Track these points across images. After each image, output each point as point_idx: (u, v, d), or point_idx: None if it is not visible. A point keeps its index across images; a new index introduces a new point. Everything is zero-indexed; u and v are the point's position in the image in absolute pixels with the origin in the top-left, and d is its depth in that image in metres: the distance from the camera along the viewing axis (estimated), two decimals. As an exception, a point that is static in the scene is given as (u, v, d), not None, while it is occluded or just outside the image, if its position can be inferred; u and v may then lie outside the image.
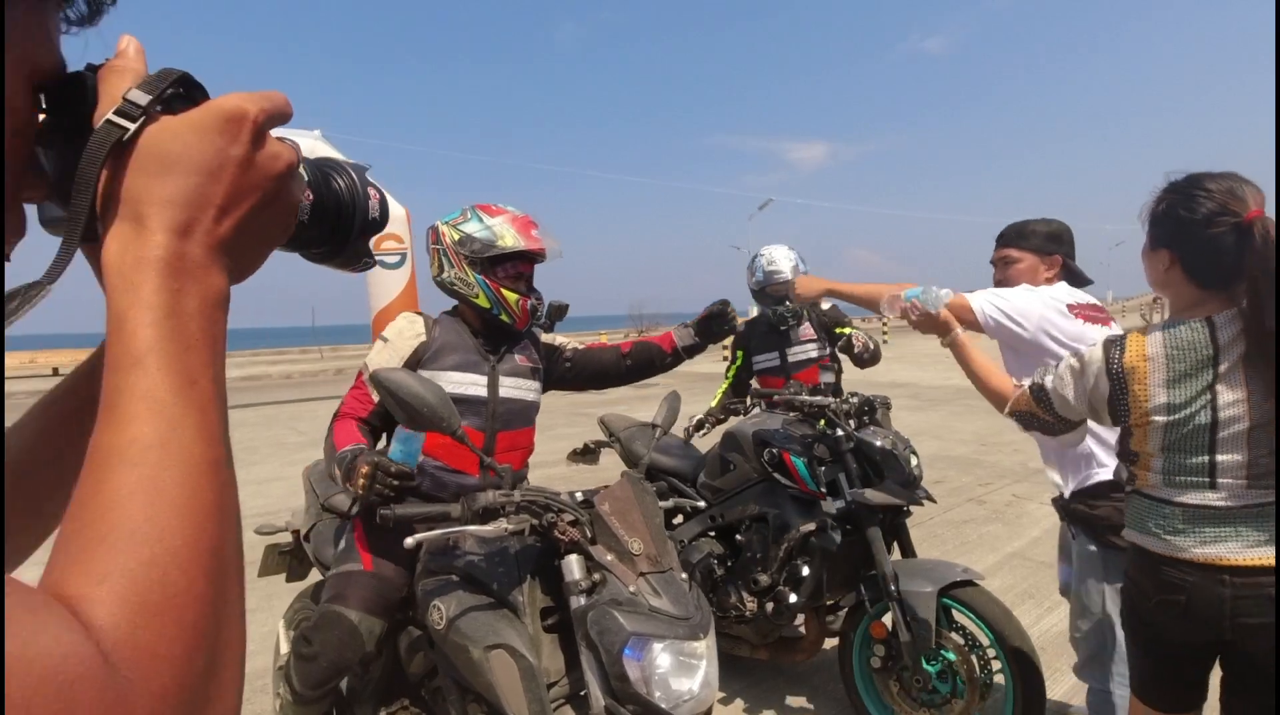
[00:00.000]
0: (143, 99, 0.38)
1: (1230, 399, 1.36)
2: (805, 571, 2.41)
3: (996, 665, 2.19)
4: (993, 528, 4.57)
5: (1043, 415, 1.66)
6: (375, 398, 1.86)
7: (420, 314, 2.04)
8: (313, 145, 12.13)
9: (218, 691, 0.32)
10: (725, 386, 3.56)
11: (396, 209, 13.27)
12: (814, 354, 3.31)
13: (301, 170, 0.46)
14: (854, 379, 3.43)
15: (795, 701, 2.67)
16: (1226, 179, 1.38)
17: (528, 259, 1.99)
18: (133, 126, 0.38)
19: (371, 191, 0.51)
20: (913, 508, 2.48)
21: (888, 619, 2.30)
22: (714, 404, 3.34)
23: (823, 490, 2.48)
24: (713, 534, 2.84)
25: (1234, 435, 1.36)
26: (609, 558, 1.37)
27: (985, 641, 2.19)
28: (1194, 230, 1.39)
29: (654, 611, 1.31)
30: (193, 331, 0.37)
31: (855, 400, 2.56)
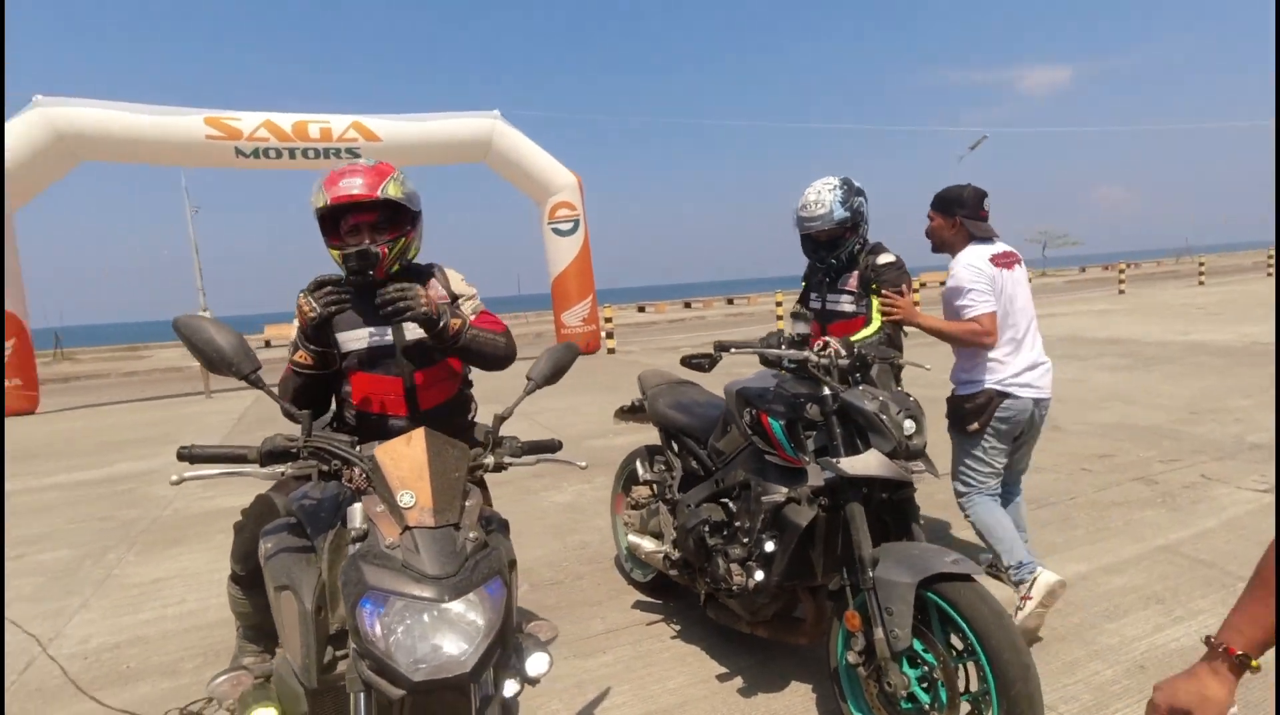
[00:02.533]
0: None
1: None
2: (770, 547, 2.12)
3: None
4: (1151, 513, 3.70)
5: None
6: (308, 358, 1.97)
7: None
8: (493, 125, 13.05)
9: None
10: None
11: (568, 176, 13.89)
12: (848, 308, 2.88)
13: None
14: (1043, 334, 2.84)
15: (798, 688, 2.39)
16: None
17: (362, 209, 1.90)
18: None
19: None
20: (1054, 485, 2.07)
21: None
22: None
23: (806, 458, 2.16)
24: (724, 500, 2.62)
25: None
26: (378, 509, 1.30)
27: (972, 648, 1.77)
28: None
29: (405, 567, 1.22)
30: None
31: (842, 352, 2.17)
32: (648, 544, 2.87)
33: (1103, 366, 8.30)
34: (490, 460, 1.57)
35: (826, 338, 2.53)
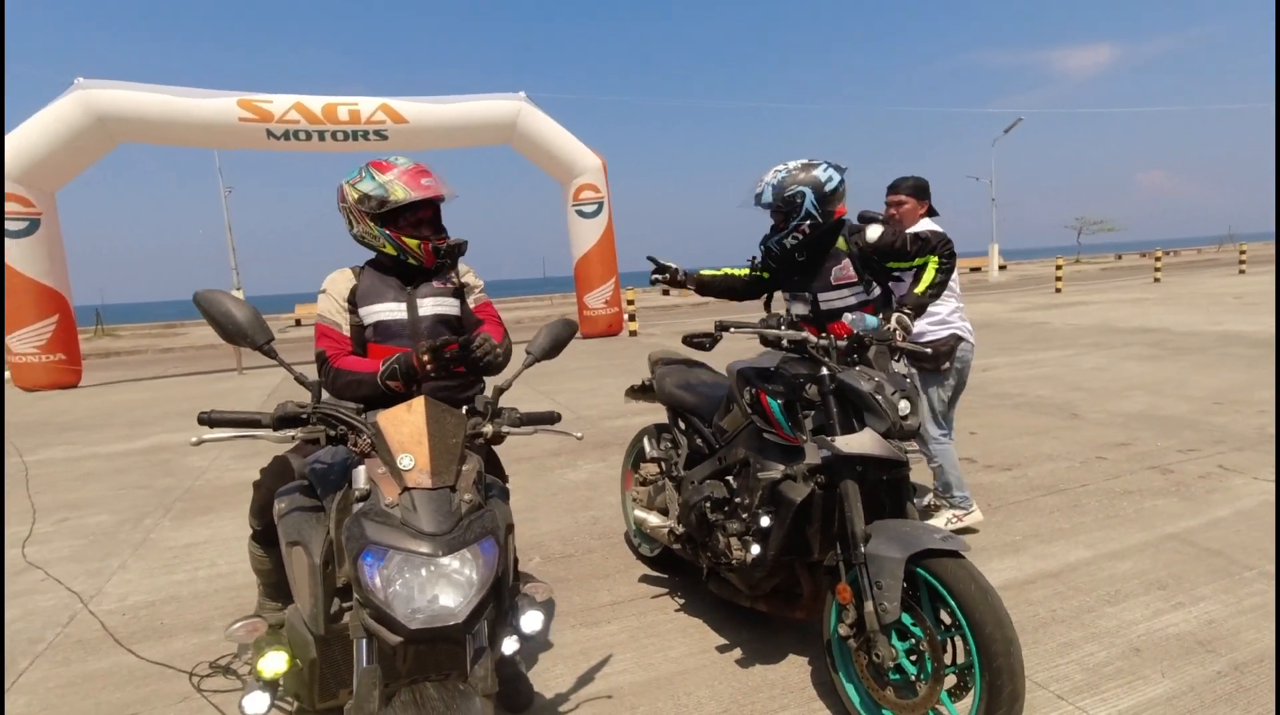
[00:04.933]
0: None
1: None
2: (765, 522, 2.19)
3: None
4: (1163, 502, 3.68)
5: None
6: (345, 332, 2.12)
7: (350, 268, 2.24)
8: (518, 107, 13.11)
9: None
10: (715, 272, 3.17)
11: (592, 159, 13.91)
12: (853, 301, 2.79)
13: None
14: (1071, 323, 2.91)
15: (795, 660, 2.47)
16: None
17: (424, 206, 2.13)
18: None
19: None
20: (1067, 473, 2.11)
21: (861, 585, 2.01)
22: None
23: (803, 437, 2.21)
24: (726, 477, 2.69)
25: None
26: (380, 471, 1.39)
27: (959, 623, 1.83)
28: None
29: (404, 524, 1.31)
30: None
31: (909, 317, 2.30)
32: (653, 519, 2.95)
33: (1129, 356, 8.17)
34: (489, 429, 1.65)
35: (896, 315, 2.55)
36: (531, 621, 1.63)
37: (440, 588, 1.30)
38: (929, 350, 2.42)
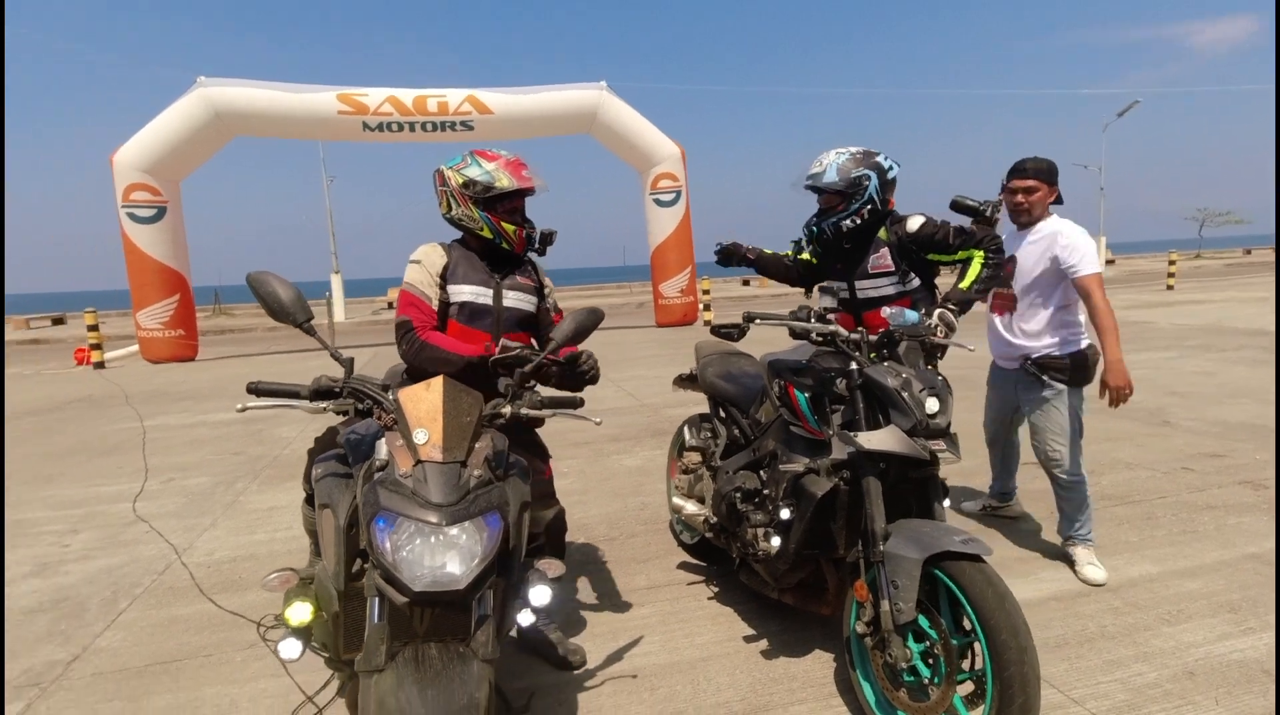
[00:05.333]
0: None
1: None
2: (785, 515, 2.19)
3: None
4: (1249, 519, 3.40)
5: None
6: (434, 306, 2.33)
7: (439, 243, 2.43)
8: (599, 97, 13.27)
9: None
10: (774, 253, 3.20)
11: (670, 148, 13.92)
12: (889, 291, 2.77)
13: None
14: (1179, 322, 2.82)
15: (820, 656, 2.46)
16: None
17: (521, 195, 2.37)
18: None
19: None
20: (1145, 483, 2.06)
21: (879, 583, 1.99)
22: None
23: (829, 431, 2.20)
24: (761, 470, 2.70)
25: None
26: (398, 444, 1.50)
27: (976, 629, 1.79)
28: None
29: (414, 495, 1.42)
30: None
31: (954, 314, 2.35)
32: (690, 507, 3.00)
33: (1240, 359, 7.49)
34: (509, 410, 1.74)
35: (939, 310, 2.51)
36: (539, 595, 1.71)
37: (446, 555, 1.40)
38: (971, 347, 2.34)
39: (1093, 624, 2.57)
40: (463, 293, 2.34)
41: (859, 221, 2.76)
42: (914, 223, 2.72)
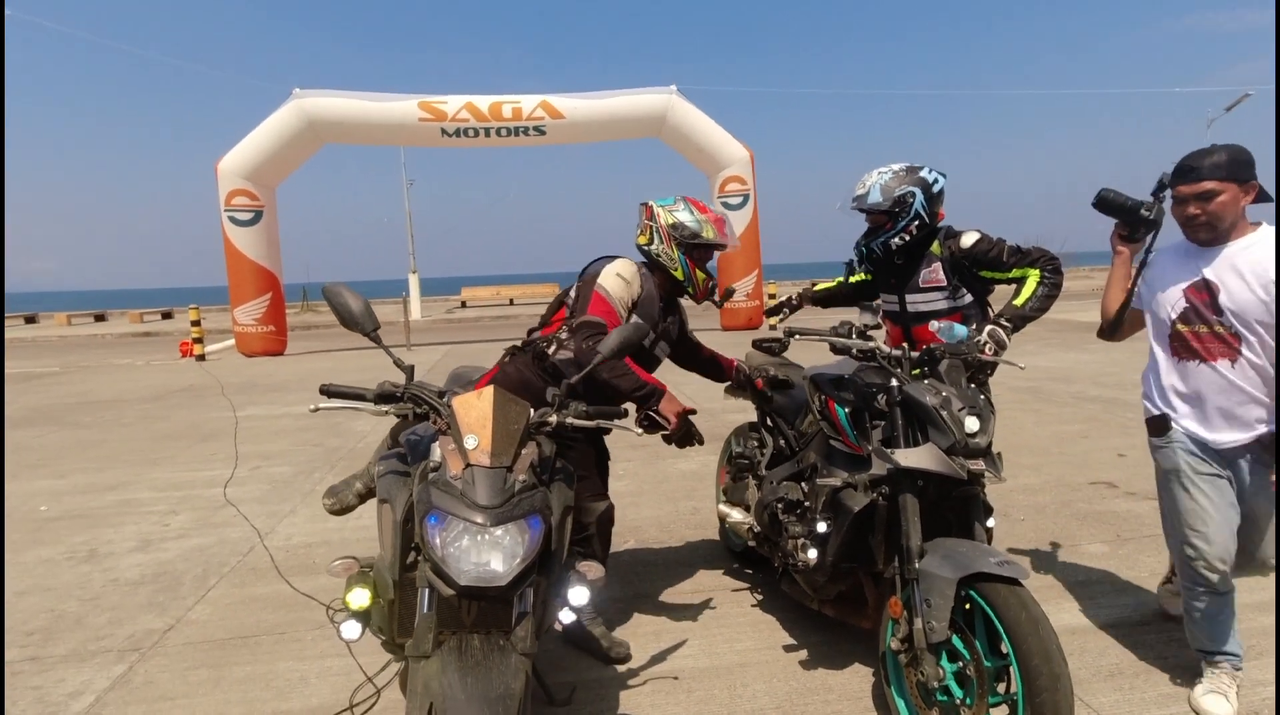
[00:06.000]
0: None
1: None
2: (822, 528, 2.21)
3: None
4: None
5: None
6: (622, 316, 2.54)
7: (640, 268, 2.66)
8: (669, 101, 13.38)
9: None
10: (830, 285, 3.40)
11: (740, 151, 13.89)
12: (941, 306, 2.73)
13: None
14: None
15: (859, 670, 2.46)
16: None
17: (719, 248, 2.66)
18: None
19: None
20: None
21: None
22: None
23: (869, 446, 2.20)
24: (804, 482, 2.72)
25: None
26: (450, 448, 1.63)
27: (1005, 651, 1.77)
28: None
29: (463, 496, 1.54)
30: None
31: (1006, 330, 2.38)
32: (736, 514, 3.04)
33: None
34: (554, 419, 1.84)
35: (990, 327, 2.49)
36: (578, 595, 1.81)
37: (489, 553, 1.51)
38: (1021, 365, 2.29)
39: (1152, 653, 2.47)
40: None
41: (907, 238, 2.76)
42: (968, 239, 2.69)
